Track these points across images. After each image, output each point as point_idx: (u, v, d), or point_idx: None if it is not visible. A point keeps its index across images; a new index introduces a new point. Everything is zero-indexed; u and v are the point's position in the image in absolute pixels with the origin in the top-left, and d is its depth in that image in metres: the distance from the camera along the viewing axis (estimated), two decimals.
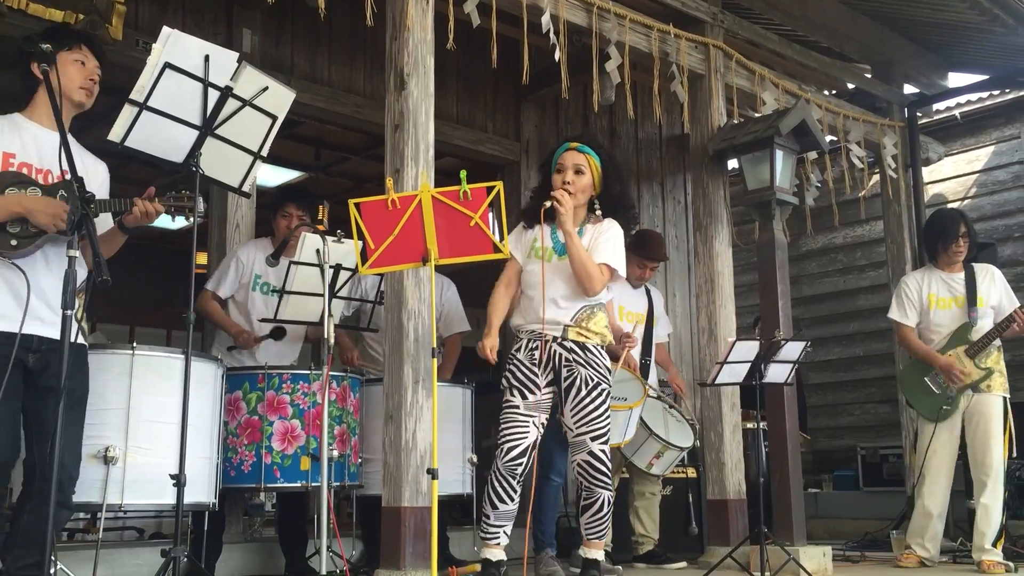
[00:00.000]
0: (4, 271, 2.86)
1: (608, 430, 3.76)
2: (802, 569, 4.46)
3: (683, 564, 4.99)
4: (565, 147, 3.95)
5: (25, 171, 2.96)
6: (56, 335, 2.88)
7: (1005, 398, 5.05)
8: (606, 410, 3.75)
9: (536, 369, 3.76)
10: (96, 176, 3.12)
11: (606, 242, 3.83)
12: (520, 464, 3.70)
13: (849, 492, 7.86)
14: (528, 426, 3.73)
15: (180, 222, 9.24)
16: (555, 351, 3.75)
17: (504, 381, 3.83)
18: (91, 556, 3.45)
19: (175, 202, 3.03)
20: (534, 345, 3.77)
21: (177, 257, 3.16)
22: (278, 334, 4.35)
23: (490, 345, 3.76)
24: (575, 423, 3.72)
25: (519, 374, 3.78)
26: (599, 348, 3.80)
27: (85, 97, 3.09)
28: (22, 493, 2.97)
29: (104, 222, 3.04)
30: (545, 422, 3.80)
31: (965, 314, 5.11)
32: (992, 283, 5.18)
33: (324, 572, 3.41)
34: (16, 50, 3.05)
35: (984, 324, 5.08)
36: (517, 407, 3.75)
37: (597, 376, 3.74)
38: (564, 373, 3.75)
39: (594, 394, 3.72)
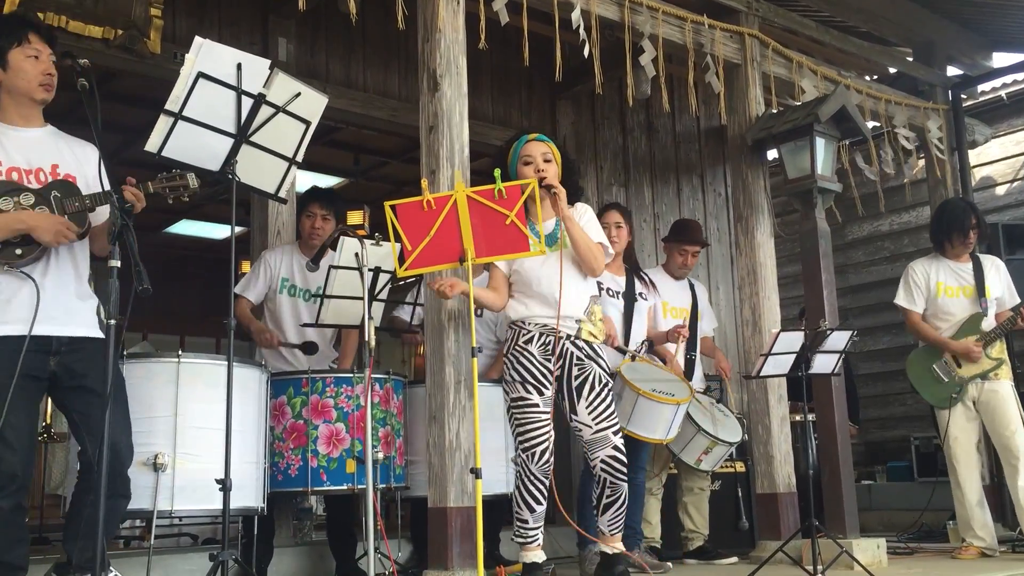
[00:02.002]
0: (12, 280, 2.89)
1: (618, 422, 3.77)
2: (855, 562, 4.39)
3: (734, 559, 4.95)
4: (524, 139, 3.86)
5: (15, 176, 2.94)
6: (76, 332, 2.96)
7: (1012, 384, 5.09)
8: (614, 404, 3.78)
9: (548, 365, 3.71)
10: (88, 162, 3.08)
11: (589, 223, 3.83)
12: (550, 464, 3.68)
13: (903, 483, 7.73)
14: (549, 424, 3.70)
15: (223, 232, 9.47)
16: (567, 348, 3.73)
17: (513, 375, 3.72)
18: (144, 563, 3.51)
19: (167, 182, 2.99)
20: (548, 340, 3.71)
21: (222, 267, 3.19)
22: (310, 348, 4.39)
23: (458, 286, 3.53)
24: (594, 420, 3.70)
25: (533, 369, 3.70)
26: (601, 346, 3.84)
27: (45, 93, 3.03)
28: (79, 486, 3.03)
29: (103, 214, 3.03)
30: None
31: (974, 304, 5.16)
32: (997, 275, 5.26)
33: (373, 574, 3.42)
34: None
35: (990, 314, 5.14)
36: (536, 405, 3.68)
37: (606, 374, 3.77)
38: (575, 372, 3.73)
39: (607, 391, 3.74)
